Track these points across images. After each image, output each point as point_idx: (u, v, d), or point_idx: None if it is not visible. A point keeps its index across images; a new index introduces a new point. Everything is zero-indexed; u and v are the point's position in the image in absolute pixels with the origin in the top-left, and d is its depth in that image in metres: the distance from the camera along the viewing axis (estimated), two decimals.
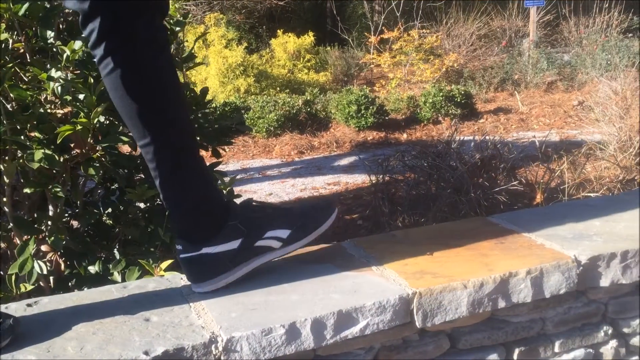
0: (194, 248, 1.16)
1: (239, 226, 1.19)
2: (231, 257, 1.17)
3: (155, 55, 1.12)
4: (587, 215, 1.44)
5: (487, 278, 1.15)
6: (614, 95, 3.42)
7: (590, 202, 1.55)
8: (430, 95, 5.76)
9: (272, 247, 1.21)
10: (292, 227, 1.23)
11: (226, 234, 1.18)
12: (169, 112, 1.15)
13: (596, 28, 9.08)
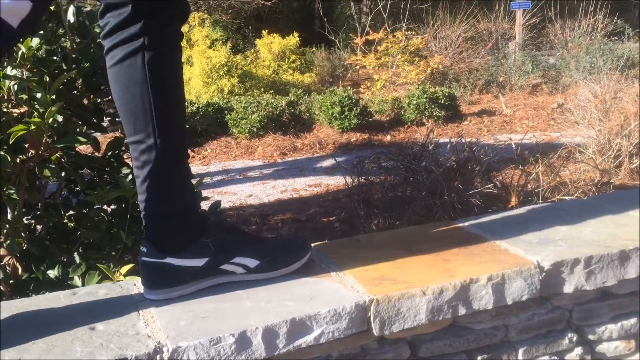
0: (159, 255, 1.13)
1: (209, 245, 1.16)
2: (192, 273, 1.14)
3: (166, 57, 1.11)
4: (555, 220, 1.42)
5: (447, 284, 1.12)
6: (594, 98, 3.41)
7: (559, 206, 1.53)
8: (414, 97, 5.74)
9: (236, 272, 1.18)
10: (262, 258, 1.19)
11: (195, 250, 1.15)
12: (169, 114, 1.14)
13: (581, 31, 9.13)
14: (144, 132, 1.12)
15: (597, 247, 1.24)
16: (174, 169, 1.15)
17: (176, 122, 1.16)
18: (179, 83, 1.17)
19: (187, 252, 1.14)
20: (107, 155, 1.72)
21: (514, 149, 2.39)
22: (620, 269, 1.23)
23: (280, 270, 1.19)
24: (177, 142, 1.16)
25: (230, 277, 1.18)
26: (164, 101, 1.13)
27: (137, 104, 1.11)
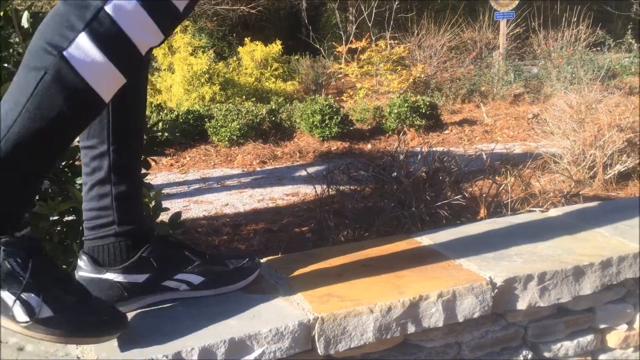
0: (97, 270, 1.08)
1: (151, 260, 1.11)
2: (132, 289, 1.09)
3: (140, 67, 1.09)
4: (514, 234, 1.40)
5: (395, 302, 1.09)
6: (569, 109, 3.42)
7: (520, 219, 1.50)
8: (395, 106, 5.74)
9: (180, 289, 1.13)
10: (207, 275, 1.14)
11: (135, 265, 1.10)
12: (127, 123, 1.10)
13: (564, 41, 9.20)
14: (98, 138, 1.09)
15: (552, 263, 1.21)
16: (122, 179, 1.11)
17: (133, 132, 1.13)
18: (142, 94, 1.15)
19: (128, 267, 1.10)
20: (61, 165, 1.68)
21: (485, 159, 2.37)
22: (575, 285, 1.21)
23: (223, 288, 1.16)
24: (131, 152, 1.13)
25: (174, 294, 1.14)
26: (123, 109, 1.09)
27: None
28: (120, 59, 0.90)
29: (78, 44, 0.87)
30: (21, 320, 0.88)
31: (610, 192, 3.14)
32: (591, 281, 1.21)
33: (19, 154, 0.89)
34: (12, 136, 0.88)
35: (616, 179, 3.26)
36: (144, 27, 0.90)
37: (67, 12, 0.88)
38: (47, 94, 0.87)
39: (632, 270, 1.24)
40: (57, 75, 0.87)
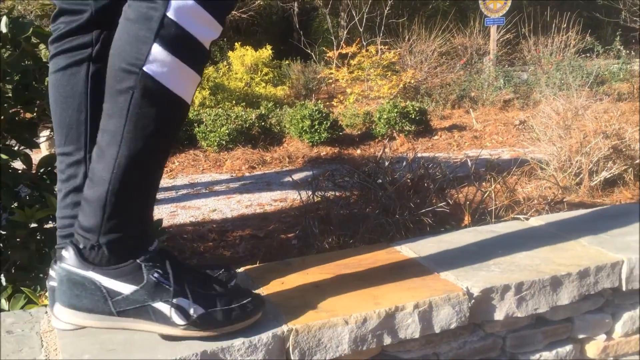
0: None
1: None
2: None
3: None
4: (493, 243, 1.39)
5: (371, 313, 1.08)
6: (555, 115, 3.43)
7: (500, 227, 1.50)
8: (385, 112, 5.74)
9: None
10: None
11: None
12: None
13: (554, 47, 9.26)
14: (75, 145, 1.08)
15: (530, 273, 1.21)
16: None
17: None
18: None
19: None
20: (39, 172, 1.66)
21: (470, 166, 2.37)
22: (553, 295, 1.20)
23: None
24: None
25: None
26: None
27: (72, 115, 1.07)
28: (192, 59, 0.95)
29: (154, 56, 0.91)
30: (180, 324, 0.96)
31: (596, 198, 3.15)
32: (569, 291, 1.21)
33: (134, 177, 0.95)
34: (121, 167, 0.93)
35: (602, 186, 3.27)
36: (204, 23, 0.94)
37: (134, 28, 0.92)
38: (140, 112, 0.92)
39: (609, 280, 1.24)
40: (144, 91, 0.91)
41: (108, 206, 0.95)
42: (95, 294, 0.96)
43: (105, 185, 0.94)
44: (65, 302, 0.97)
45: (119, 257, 0.97)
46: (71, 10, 1.07)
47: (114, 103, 0.93)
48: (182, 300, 0.97)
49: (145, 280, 0.96)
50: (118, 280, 0.96)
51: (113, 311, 0.96)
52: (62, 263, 0.97)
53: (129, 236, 0.98)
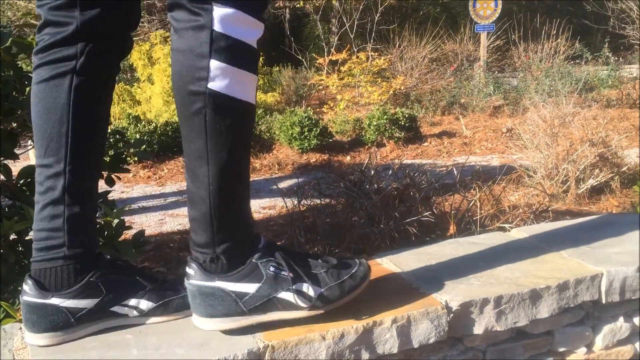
0: (42, 294, 1.05)
1: (99, 285, 1.09)
2: (79, 315, 1.06)
3: (96, 86, 1.10)
4: (474, 255, 1.39)
5: (348, 328, 1.07)
6: (543, 123, 3.44)
7: (482, 239, 1.49)
8: (375, 118, 5.75)
9: (129, 316, 1.11)
10: (158, 301, 1.11)
11: (83, 289, 1.07)
12: (85, 144, 1.09)
13: (544, 54, 9.31)
14: (55, 157, 1.07)
15: (509, 286, 1.20)
16: (75, 200, 1.09)
17: (92, 153, 1.11)
18: (103, 116, 1.14)
19: (74, 292, 1.07)
20: (19, 183, 1.64)
21: (455, 174, 2.37)
22: (532, 309, 1.20)
23: (177, 314, 1.13)
24: (89, 173, 1.12)
25: (122, 321, 1.11)
26: (83, 130, 1.08)
27: (54, 126, 1.07)
28: (247, 62, 1.00)
29: (214, 72, 0.97)
30: (304, 306, 1.06)
31: (583, 206, 3.16)
32: (548, 304, 1.21)
33: (229, 187, 1.02)
34: (215, 183, 1.01)
35: (589, 194, 3.29)
36: (248, 26, 1.00)
37: (187, 48, 0.98)
38: (216, 128, 0.99)
39: (589, 292, 1.24)
40: (215, 107, 0.98)
41: (214, 220, 1.03)
42: (225, 299, 1.05)
43: (207, 203, 1.02)
44: (203, 314, 1.06)
45: (237, 261, 1.06)
46: (56, 22, 1.07)
47: (190, 126, 0.99)
48: (300, 285, 1.07)
49: (265, 276, 1.06)
50: (242, 282, 1.05)
51: (245, 311, 1.05)
52: (190, 280, 1.07)
53: (239, 240, 1.06)
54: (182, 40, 0.99)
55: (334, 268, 1.11)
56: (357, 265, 1.13)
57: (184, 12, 0.99)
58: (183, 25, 0.99)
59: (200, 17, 0.97)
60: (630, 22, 9.00)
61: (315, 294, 1.07)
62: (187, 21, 0.98)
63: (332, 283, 1.09)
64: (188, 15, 0.98)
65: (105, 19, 1.07)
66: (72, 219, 1.08)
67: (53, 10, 1.07)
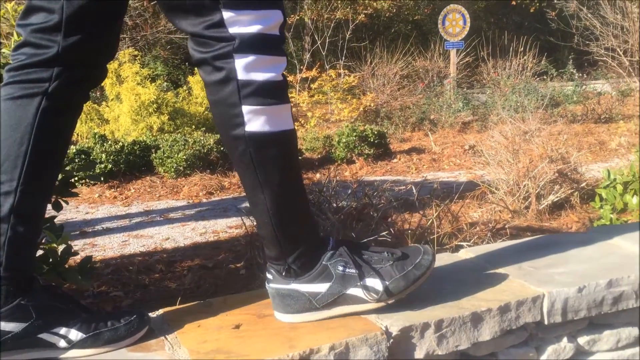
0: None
1: (30, 310, 1.05)
2: (5, 339, 1.03)
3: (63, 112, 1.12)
4: None
5: (284, 357, 1.05)
6: (504, 140, 3.48)
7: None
8: (344, 135, 5.77)
9: (58, 345, 1.07)
10: (90, 332, 1.09)
11: (12, 312, 1.04)
12: (41, 168, 1.09)
13: (512, 70, 9.49)
14: (8, 175, 1.06)
15: (451, 309, 1.19)
16: (20, 219, 1.07)
17: (45, 177, 1.11)
18: (65, 141, 1.15)
19: (3, 315, 1.04)
20: None
21: (414, 192, 2.38)
22: (474, 332, 1.19)
23: (108, 346, 1.09)
24: (41, 196, 1.12)
25: (50, 352, 1.07)
26: (43, 153, 1.09)
27: (13, 145, 1.06)
28: (277, 97, 1.09)
29: (248, 116, 1.06)
30: (372, 299, 1.16)
31: (544, 222, 3.19)
32: (490, 327, 1.20)
33: (286, 207, 1.13)
34: (272, 206, 1.11)
35: (550, 209, 3.33)
36: (270, 65, 1.07)
37: (220, 100, 1.08)
38: (263, 161, 1.09)
39: (531, 314, 1.24)
40: (256, 146, 1.08)
41: (280, 238, 1.14)
42: (300, 299, 1.16)
43: (269, 226, 1.13)
44: (282, 311, 1.18)
45: (309, 266, 1.16)
46: (37, 44, 1.09)
47: (240, 165, 1.11)
48: (367, 280, 1.16)
49: (334, 276, 1.16)
50: (314, 283, 1.16)
51: (318, 306, 1.16)
52: (270, 284, 1.19)
53: (307, 248, 1.16)
54: (213, 93, 1.08)
55: (398, 260, 1.19)
56: (422, 254, 1.21)
57: (209, 68, 1.07)
58: (211, 81, 1.07)
59: (224, 70, 1.05)
60: (594, 39, 9.24)
61: (382, 287, 1.15)
62: (213, 76, 1.07)
63: (397, 275, 1.17)
64: (213, 71, 1.07)
65: (86, 47, 1.11)
66: (13, 240, 1.06)
67: (36, 33, 1.09)
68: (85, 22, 1.09)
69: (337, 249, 1.18)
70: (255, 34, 1.05)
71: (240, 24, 1.04)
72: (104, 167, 5.19)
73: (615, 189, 2.51)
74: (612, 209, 2.42)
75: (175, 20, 1.09)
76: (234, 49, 1.04)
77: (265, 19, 1.06)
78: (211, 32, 1.05)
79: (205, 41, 1.06)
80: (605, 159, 5.65)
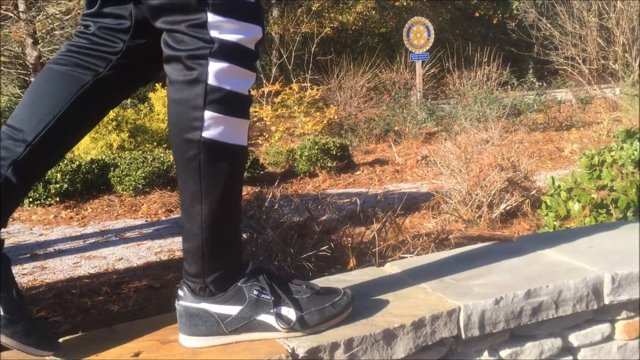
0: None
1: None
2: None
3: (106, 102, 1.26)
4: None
5: None
6: (457, 149, 3.49)
7: (351, 276, 1.45)
8: (306, 149, 5.74)
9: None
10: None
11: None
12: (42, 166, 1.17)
13: (477, 80, 9.60)
14: (28, 128, 1.12)
15: (363, 327, 1.16)
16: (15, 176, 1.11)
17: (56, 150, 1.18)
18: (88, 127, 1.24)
19: None
20: None
21: (358, 204, 2.35)
22: (387, 349, 1.15)
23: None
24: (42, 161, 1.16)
25: None
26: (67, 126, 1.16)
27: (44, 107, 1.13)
28: (240, 110, 1.09)
29: (208, 122, 1.04)
30: (283, 328, 1.12)
31: (496, 230, 3.19)
32: (404, 344, 1.17)
33: (220, 224, 1.10)
34: (207, 220, 1.08)
35: (503, 218, 3.33)
36: (241, 77, 1.08)
37: (183, 100, 1.05)
38: (210, 172, 1.06)
39: (447, 328, 1.21)
40: (208, 154, 1.06)
41: (206, 255, 1.10)
42: (209, 320, 1.12)
43: (199, 238, 1.09)
44: (186, 332, 1.13)
45: (223, 287, 1.13)
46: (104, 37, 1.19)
47: (186, 170, 1.08)
48: (280, 308, 1.13)
49: (248, 299, 1.13)
50: (225, 304, 1.13)
51: (225, 331, 1.12)
52: (180, 301, 1.16)
53: (228, 270, 1.14)
54: (177, 92, 1.06)
55: (317, 294, 1.17)
56: (341, 294, 1.19)
57: (180, 65, 1.06)
58: (178, 79, 1.06)
59: (195, 71, 1.04)
60: (553, 49, 9.42)
61: (296, 317, 1.13)
62: (182, 75, 1.05)
63: (313, 308, 1.14)
64: (183, 69, 1.05)
65: (147, 50, 1.19)
66: None
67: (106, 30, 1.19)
68: (150, 28, 1.13)
69: (256, 275, 1.15)
70: (234, 43, 1.05)
71: (222, 30, 1.05)
72: (59, 187, 5.06)
73: (559, 196, 2.52)
74: (556, 216, 2.42)
75: (159, 18, 1.07)
76: (210, 53, 1.04)
77: (247, 31, 1.07)
78: (192, 31, 1.04)
79: (183, 38, 1.05)
80: (565, 166, 5.72)
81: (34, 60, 9.78)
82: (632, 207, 2.22)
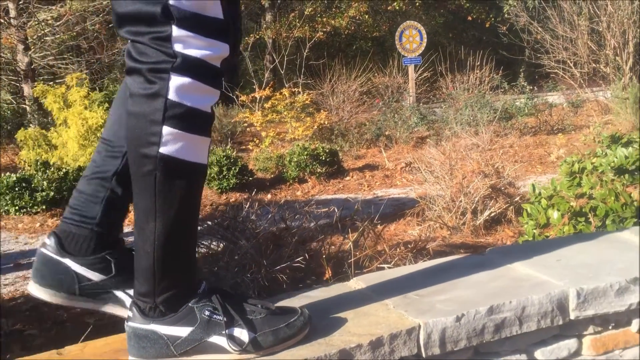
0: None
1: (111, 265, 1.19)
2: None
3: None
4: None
5: None
6: (441, 156, 3.47)
7: (313, 293, 1.42)
8: (295, 154, 5.72)
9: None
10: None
11: (97, 262, 1.18)
12: None
13: (469, 84, 9.58)
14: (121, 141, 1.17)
15: (319, 347, 1.13)
16: (120, 187, 1.18)
17: None
18: None
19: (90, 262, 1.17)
20: None
21: (336, 213, 2.32)
22: None
23: None
24: None
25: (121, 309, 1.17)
26: None
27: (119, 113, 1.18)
28: (200, 128, 1.06)
29: (166, 137, 1.02)
30: (235, 350, 1.09)
31: (480, 237, 3.17)
32: None
33: (174, 243, 1.07)
34: (160, 238, 1.05)
35: (488, 224, 3.31)
36: (203, 94, 1.05)
37: (141, 113, 1.03)
38: (165, 189, 1.04)
39: (407, 347, 1.18)
40: (164, 170, 1.03)
41: (157, 273, 1.07)
42: (158, 342, 1.08)
43: (150, 257, 1.06)
44: (135, 355, 1.10)
45: (174, 307, 1.09)
46: None
47: (141, 185, 1.05)
48: (233, 330, 1.09)
49: (199, 320, 1.09)
50: (175, 325, 1.09)
51: (175, 353, 1.08)
52: (129, 322, 1.11)
53: (179, 290, 1.10)
54: (136, 105, 1.04)
55: (273, 314, 1.13)
56: (298, 314, 1.15)
57: (140, 78, 1.03)
58: (138, 92, 1.03)
59: (156, 84, 1.02)
60: (544, 52, 9.42)
61: (249, 339, 1.09)
62: (142, 88, 1.03)
63: (267, 329, 1.11)
64: (144, 82, 1.03)
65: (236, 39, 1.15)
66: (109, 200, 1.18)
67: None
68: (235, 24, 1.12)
69: (209, 295, 1.12)
70: (198, 59, 1.03)
71: (186, 45, 1.02)
72: (46, 194, 5.02)
73: (540, 204, 2.50)
74: (536, 225, 2.40)
75: (123, 27, 1.05)
76: (172, 67, 1.02)
77: (213, 47, 1.05)
78: (155, 44, 1.02)
79: (146, 50, 1.03)
80: (555, 171, 5.70)
81: (25, 67, 9.76)
82: (610, 215, 2.20)
